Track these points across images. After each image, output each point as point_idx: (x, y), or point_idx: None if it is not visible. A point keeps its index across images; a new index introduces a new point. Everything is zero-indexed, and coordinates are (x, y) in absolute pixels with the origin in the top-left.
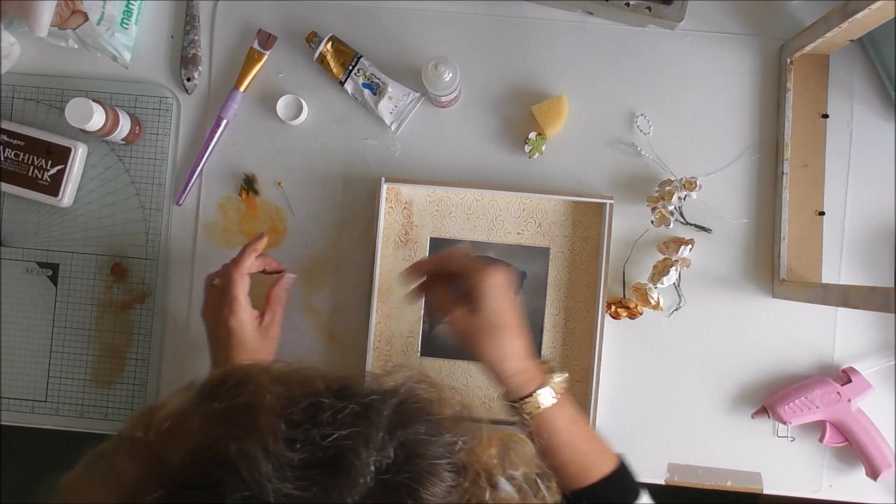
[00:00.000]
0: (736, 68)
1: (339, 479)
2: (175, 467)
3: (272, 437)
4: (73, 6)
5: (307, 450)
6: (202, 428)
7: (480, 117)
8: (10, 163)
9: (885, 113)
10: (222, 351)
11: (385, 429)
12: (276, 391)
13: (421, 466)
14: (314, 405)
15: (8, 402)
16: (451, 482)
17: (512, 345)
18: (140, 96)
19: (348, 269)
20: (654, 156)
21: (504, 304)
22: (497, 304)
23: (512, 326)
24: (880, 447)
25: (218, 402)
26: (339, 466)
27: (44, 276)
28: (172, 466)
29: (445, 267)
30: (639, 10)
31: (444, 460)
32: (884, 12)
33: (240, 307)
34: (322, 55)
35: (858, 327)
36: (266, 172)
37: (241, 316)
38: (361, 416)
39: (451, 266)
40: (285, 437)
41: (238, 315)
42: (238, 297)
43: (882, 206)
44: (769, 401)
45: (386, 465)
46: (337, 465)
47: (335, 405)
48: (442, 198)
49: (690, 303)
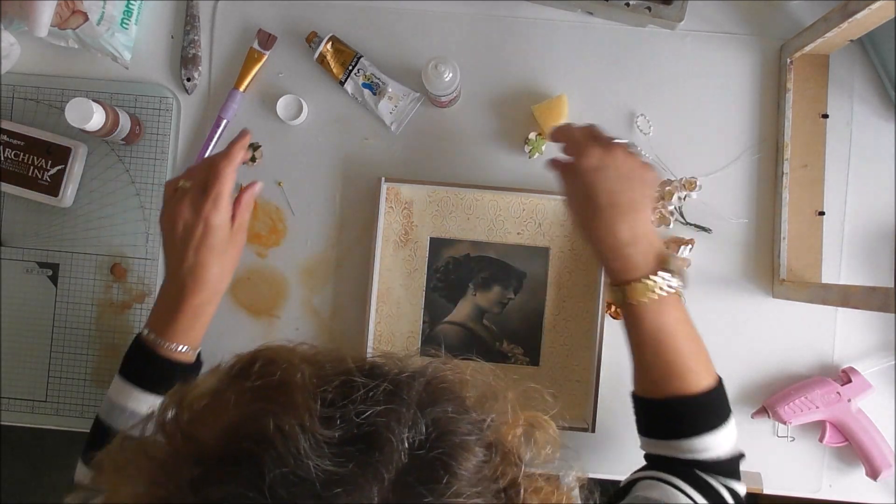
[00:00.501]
0: (736, 68)
1: (375, 455)
2: (210, 446)
3: (308, 414)
4: (73, 6)
5: (342, 427)
6: (237, 406)
7: (480, 117)
8: (10, 163)
9: (885, 113)
10: (190, 252)
11: (416, 406)
12: (307, 371)
13: (453, 442)
14: (346, 384)
15: (8, 402)
16: (483, 457)
17: (608, 227)
18: (140, 96)
19: (348, 269)
20: (654, 156)
21: (601, 184)
22: (595, 186)
23: (608, 207)
24: (880, 447)
25: (251, 381)
26: (374, 443)
27: (44, 276)
28: (207, 445)
29: (558, 140)
30: (639, 10)
31: (474, 437)
32: (884, 12)
33: (224, 203)
34: (322, 55)
35: (858, 327)
36: (266, 172)
37: (223, 213)
38: (393, 394)
39: (562, 140)
40: (321, 416)
41: (221, 212)
42: (224, 193)
43: (882, 206)
44: (769, 401)
45: (419, 441)
46: (372, 442)
47: (367, 383)
48: (442, 198)
49: (690, 303)
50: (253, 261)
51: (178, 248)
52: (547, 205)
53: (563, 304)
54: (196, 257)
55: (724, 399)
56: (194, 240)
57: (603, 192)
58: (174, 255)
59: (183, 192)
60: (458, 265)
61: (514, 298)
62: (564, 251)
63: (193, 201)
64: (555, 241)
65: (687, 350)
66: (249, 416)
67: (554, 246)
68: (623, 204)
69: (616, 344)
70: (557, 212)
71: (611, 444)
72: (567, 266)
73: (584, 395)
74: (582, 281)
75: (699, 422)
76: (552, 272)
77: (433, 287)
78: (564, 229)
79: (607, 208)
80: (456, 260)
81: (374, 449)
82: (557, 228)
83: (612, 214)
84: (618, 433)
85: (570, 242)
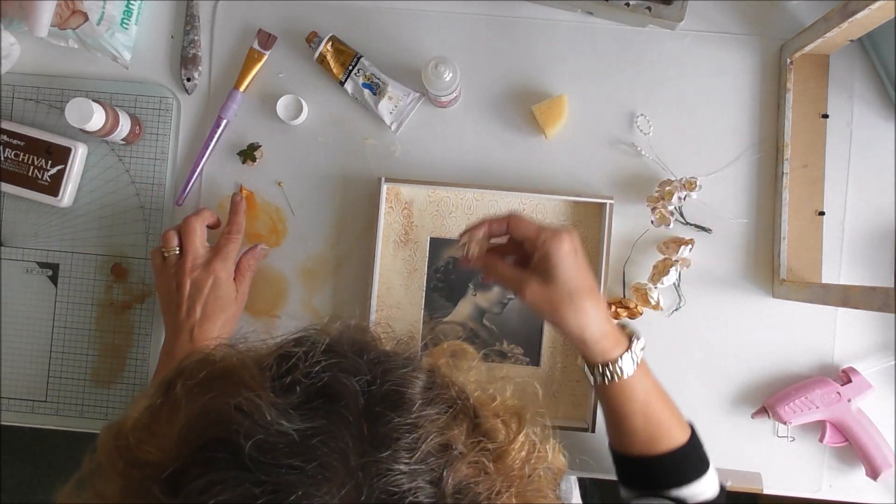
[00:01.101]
0: (736, 68)
1: (337, 404)
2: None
3: (260, 388)
4: (73, 6)
5: (296, 391)
6: (188, 404)
7: (480, 117)
8: (10, 163)
9: (885, 113)
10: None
11: (353, 354)
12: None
13: (396, 374)
14: (283, 356)
15: (8, 402)
16: (427, 378)
17: (593, 310)
18: (140, 96)
19: (348, 270)
20: (654, 156)
21: (578, 269)
22: (572, 271)
23: (589, 291)
24: (880, 447)
25: (191, 380)
26: (331, 394)
27: (44, 276)
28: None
29: (510, 232)
30: (639, 10)
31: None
32: (884, 12)
33: (232, 261)
34: (322, 55)
35: (858, 327)
36: (266, 172)
37: (231, 269)
38: (329, 351)
39: (518, 232)
40: (273, 388)
41: (229, 267)
42: (231, 252)
43: (882, 206)
44: (769, 401)
45: (366, 381)
46: (329, 394)
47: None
48: (442, 198)
49: (690, 303)
50: None
51: (185, 305)
52: (547, 205)
53: None
54: (204, 310)
55: (702, 441)
56: (203, 294)
57: (580, 276)
58: (179, 313)
59: (171, 258)
60: (458, 265)
61: (514, 298)
62: None
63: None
64: None
65: (669, 405)
66: (204, 408)
67: None
68: (593, 283)
69: None
70: (557, 212)
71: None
72: None
73: (584, 395)
74: None
75: (691, 470)
76: None
77: (433, 287)
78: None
79: (588, 291)
80: (456, 260)
81: (334, 399)
82: None
83: (591, 296)
84: None
85: None
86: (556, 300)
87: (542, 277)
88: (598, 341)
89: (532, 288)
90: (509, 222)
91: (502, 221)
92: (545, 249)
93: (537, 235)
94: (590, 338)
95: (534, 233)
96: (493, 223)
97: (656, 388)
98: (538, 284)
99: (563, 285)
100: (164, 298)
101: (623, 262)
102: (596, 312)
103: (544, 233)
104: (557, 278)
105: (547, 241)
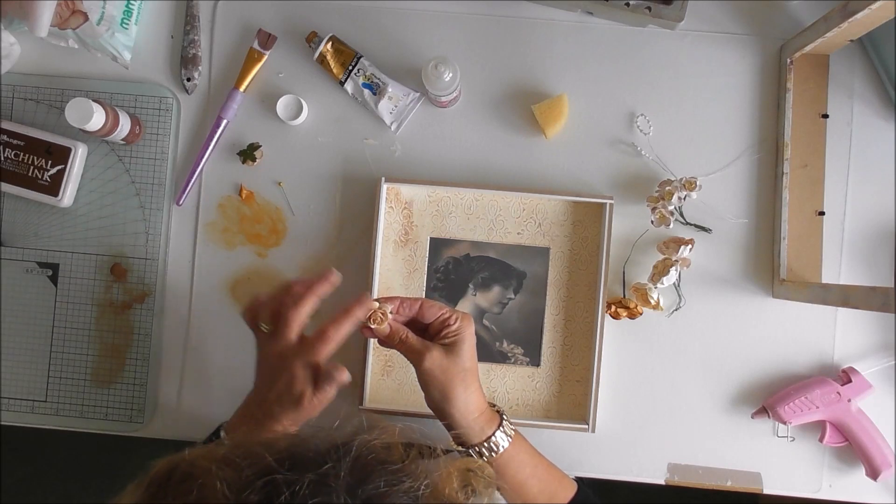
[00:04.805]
0: (736, 68)
1: None
2: None
3: None
4: (73, 6)
5: None
6: None
7: (480, 117)
8: (10, 163)
9: (885, 113)
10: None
11: (345, 492)
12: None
13: None
14: (269, 483)
15: (8, 402)
16: None
17: (477, 390)
18: (140, 96)
19: (348, 269)
20: (654, 156)
21: (474, 352)
22: (472, 351)
23: (476, 373)
24: (880, 447)
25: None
26: None
27: (44, 276)
28: None
29: (420, 315)
30: (639, 10)
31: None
32: (884, 12)
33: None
34: (322, 55)
35: (858, 327)
36: (266, 172)
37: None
38: (319, 485)
39: (429, 314)
40: None
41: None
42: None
43: (882, 206)
44: (769, 401)
45: None
46: None
47: (290, 479)
48: (442, 198)
49: (690, 303)
50: (253, 261)
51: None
52: (547, 205)
53: (563, 304)
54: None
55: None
56: (289, 407)
57: (474, 359)
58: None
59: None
60: (458, 265)
61: (514, 298)
62: (564, 251)
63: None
64: (555, 241)
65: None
66: None
67: (554, 246)
68: (477, 368)
69: (616, 344)
70: (557, 212)
71: (611, 444)
72: (567, 266)
73: (583, 395)
74: (582, 281)
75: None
76: (552, 272)
77: (433, 287)
78: (564, 229)
79: (476, 373)
80: (456, 260)
81: None
82: (557, 228)
83: (477, 378)
84: (618, 433)
85: (570, 242)
86: (453, 372)
87: (444, 350)
88: (476, 419)
89: (434, 356)
90: (422, 306)
91: (414, 304)
92: (459, 327)
93: (451, 315)
94: (469, 415)
95: (448, 313)
96: (405, 303)
97: (535, 450)
98: (440, 355)
99: (464, 362)
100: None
101: (623, 262)
102: (477, 391)
103: (457, 314)
104: (461, 355)
105: (461, 321)
